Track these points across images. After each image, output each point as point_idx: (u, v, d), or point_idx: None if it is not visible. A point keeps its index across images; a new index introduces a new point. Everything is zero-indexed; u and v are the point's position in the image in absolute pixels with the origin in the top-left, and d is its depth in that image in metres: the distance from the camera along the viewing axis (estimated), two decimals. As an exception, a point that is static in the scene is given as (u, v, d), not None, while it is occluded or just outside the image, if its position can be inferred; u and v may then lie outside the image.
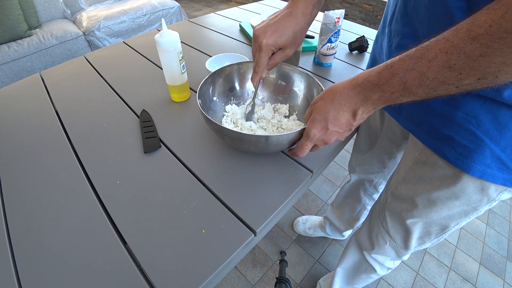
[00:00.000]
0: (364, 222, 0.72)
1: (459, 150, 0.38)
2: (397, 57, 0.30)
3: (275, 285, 0.99)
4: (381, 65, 0.32)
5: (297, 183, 0.48)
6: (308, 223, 1.20)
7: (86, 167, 0.50)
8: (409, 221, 0.52)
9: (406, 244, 0.58)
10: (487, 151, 0.36)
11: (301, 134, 0.42)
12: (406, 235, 0.56)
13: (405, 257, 0.64)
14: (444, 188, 0.43)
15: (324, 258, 1.15)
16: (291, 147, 0.45)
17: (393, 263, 0.70)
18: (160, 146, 0.54)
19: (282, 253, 1.14)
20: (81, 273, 0.36)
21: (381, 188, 0.81)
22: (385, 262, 0.69)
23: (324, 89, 0.50)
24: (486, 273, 1.14)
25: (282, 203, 0.45)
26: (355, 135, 0.75)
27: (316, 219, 1.21)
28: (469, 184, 0.40)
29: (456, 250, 1.22)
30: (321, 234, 1.18)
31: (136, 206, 0.44)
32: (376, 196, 0.84)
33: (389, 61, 0.31)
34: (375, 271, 0.72)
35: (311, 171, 0.50)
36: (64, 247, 0.39)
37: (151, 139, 0.55)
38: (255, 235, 0.41)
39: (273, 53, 0.49)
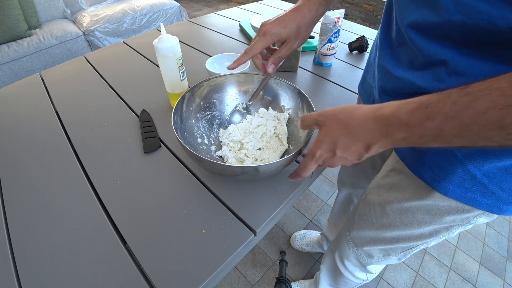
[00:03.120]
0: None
1: (436, 171, 0.36)
2: (434, 95, 0.25)
3: (275, 285, 0.99)
4: (412, 100, 0.27)
5: (297, 183, 0.48)
6: (305, 239, 1.18)
7: (86, 167, 0.50)
8: (376, 229, 0.51)
9: (369, 252, 0.57)
10: (466, 174, 0.33)
11: (292, 159, 0.40)
12: (370, 242, 0.54)
13: (373, 270, 0.63)
14: (416, 200, 0.41)
15: (324, 258, 1.16)
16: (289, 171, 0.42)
17: (366, 275, 0.68)
18: (160, 146, 0.54)
19: (282, 253, 1.14)
20: (81, 273, 0.36)
21: None
22: (355, 272, 0.67)
23: (312, 104, 0.48)
24: (486, 273, 1.14)
25: (282, 203, 0.45)
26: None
27: (314, 235, 1.18)
28: (443, 202, 0.38)
29: (456, 250, 1.22)
30: (319, 250, 1.16)
31: (136, 206, 0.44)
32: None
33: (423, 97, 0.26)
34: (348, 278, 0.71)
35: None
36: (64, 247, 0.39)
37: (151, 139, 0.55)
38: (255, 235, 0.41)
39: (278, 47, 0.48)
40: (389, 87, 0.41)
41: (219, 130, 0.55)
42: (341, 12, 0.72)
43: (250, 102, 0.56)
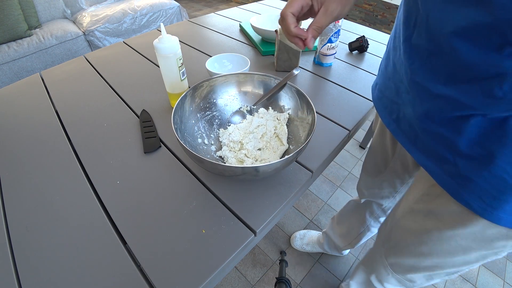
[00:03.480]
0: (372, 247, 0.68)
1: (487, 200, 0.32)
2: None
3: (275, 285, 0.99)
4: None
5: (297, 183, 0.48)
6: (305, 239, 1.15)
7: (86, 167, 0.50)
8: (416, 257, 0.47)
9: (411, 279, 0.53)
10: None
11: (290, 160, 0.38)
12: (411, 270, 0.51)
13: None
14: (459, 228, 0.37)
15: (324, 258, 1.15)
16: None
17: None
18: (160, 146, 0.54)
19: (282, 253, 1.14)
20: (81, 273, 0.36)
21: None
22: None
23: (312, 104, 0.47)
24: (486, 273, 1.14)
25: (282, 203, 0.45)
26: (365, 155, 0.72)
27: (314, 234, 1.16)
28: (492, 229, 0.34)
29: (456, 250, 1.22)
30: (319, 250, 1.14)
31: (136, 206, 0.44)
32: (383, 219, 0.77)
33: None
34: None
35: (311, 171, 0.50)
36: (64, 247, 0.39)
37: (151, 139, 0.55)
38: (255, 235, 0.41)
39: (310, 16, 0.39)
40: (430, 107, 0.34)
41: (219, 130, 0.55)
42: (341, 12, 0.72)
43: (255, 106, 0.56)
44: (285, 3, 0.45)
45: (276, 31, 0.74)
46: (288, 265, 1.11)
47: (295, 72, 0.58)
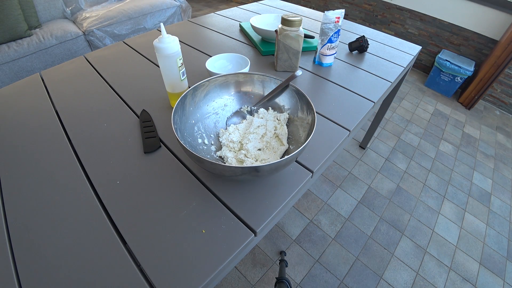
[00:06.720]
0: None
1: None
2: None
3: (275, 285, 0.99)
4: None
5: (297, 183, 0.48)
6: None
7: (86, 167, 0.50)
8: None
9: None
10: None
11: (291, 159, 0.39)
12: None
13: None
14: None
15: (324, 258, 1.15)
16: None
17: None
18: (160, 146, 0.54)
19: (282, 253, 1.14)
20: (81, 273, 0.36)
21: None
22: None
23: (312, 104, 0.47)
24: (486, 273, 1.14)
25: (282, 203, 0.45)
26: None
27: None
28: None
29: (456, 250, 1.22)
30: None
31: (136, 206, 0.44)
32: None
33: None
34: None
35: (311, 171, 0.50)
36: (64, 247, 0.39)
37: (151, 139, 0.55)
38: (255, 235, 0.41)
39: None
40: None
41: (219, 130, 0.55)
42: (341, 12, 0.72)
43: (255, 107, 0.56)
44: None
45: (276, 31, 0.74)
46: (288, 265, 1.12)
47: (298, 74, 0.58)
